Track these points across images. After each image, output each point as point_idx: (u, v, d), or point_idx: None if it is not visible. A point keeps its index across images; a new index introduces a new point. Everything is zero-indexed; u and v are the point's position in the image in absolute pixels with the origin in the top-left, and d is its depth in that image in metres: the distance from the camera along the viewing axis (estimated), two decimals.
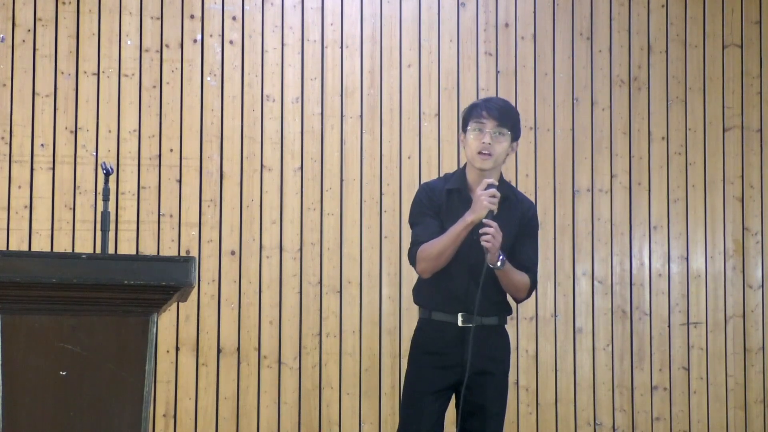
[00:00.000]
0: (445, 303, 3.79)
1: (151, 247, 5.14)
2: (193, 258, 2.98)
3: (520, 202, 3.95)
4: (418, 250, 3.78)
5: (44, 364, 2.91)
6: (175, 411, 5.13)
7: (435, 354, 3.79)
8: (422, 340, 3.85)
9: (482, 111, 3.77)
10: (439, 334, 3.80)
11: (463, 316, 3.76)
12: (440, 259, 3.73)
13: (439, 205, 3.82)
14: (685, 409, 5.67)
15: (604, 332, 5.61)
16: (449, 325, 3.78)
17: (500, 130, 3.76)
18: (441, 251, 3.72)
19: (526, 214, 3.93)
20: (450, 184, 3.86)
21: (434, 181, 4.00)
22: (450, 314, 3.78)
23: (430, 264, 3.76)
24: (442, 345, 3.78)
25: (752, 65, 5.91)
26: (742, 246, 5.81)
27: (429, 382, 3.77)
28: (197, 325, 5.17)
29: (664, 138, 5.76)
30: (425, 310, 3.87)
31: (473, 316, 3.72)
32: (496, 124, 3.75)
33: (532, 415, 5.50)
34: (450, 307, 3.78)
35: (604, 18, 5.75)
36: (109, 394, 2.94)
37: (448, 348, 3.77)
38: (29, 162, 5.09)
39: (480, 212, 3.65)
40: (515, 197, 3.93)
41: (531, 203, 4.02)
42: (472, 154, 3.78)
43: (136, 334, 2.96)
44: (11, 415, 2.88)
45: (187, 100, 5.26)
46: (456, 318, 3.77)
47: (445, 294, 3.79)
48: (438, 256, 3.73)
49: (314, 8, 5.43)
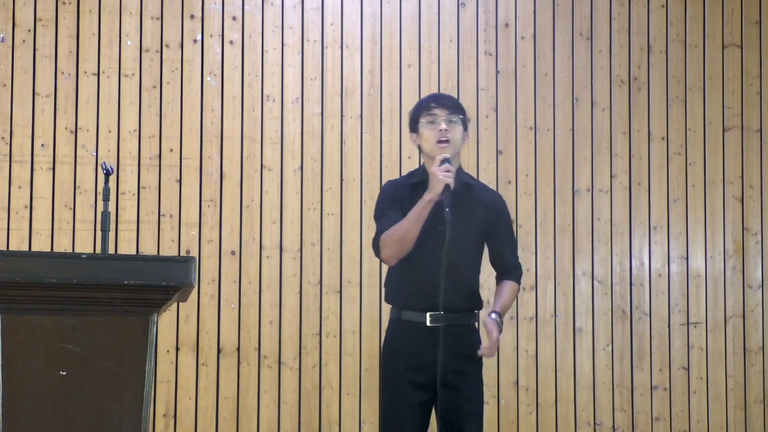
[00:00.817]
0: (413, 299, 3.79)
1: (151, 247, 5.14)
2: (193, 258, 2.98)
3: (484, 190, 3.97)
4: (381, 237, 3.78)
5: (44, 364, 2.91)
6: (175, 411, 5.13)
7: (406, 355, 3.79)
8: (393, 341, 3.87)
9: (431, 103, 3.83)
10: (409, 335, 3.80)
11: (432, 316, 3.76)
12: (404, 242, 3.72)
13: (402, 200, 3.84)
14: (685, 409, 5.67)
15: (604, 332, 5.62)
16: (418, 325, 3.77)
17: (452, 118, 3.81)
18: (404, 233, 3.71)
19: (495, 206, 3.93)
20: (413, 179, 3.90)
21: (398, 178, 4.07)
22: (418, 313, 3.78)
23: (395, 248, 3.75)
24: (413, 345, 3.78)
25: (752, 65, 5.91)
26: (742, 246, 5.81)
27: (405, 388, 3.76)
28: (197, 325, 5.18)
29: (664, 138, 5.76)
30: (395, 309, 3.88)
31: (443, 314, 3.73)
32: (447, 112, 3.80)
33: (532, 415, 5.51)
34: (419, 304, 3.78)
35: (604, 18, 5.75)
36: (109, 394, 2.94)
37: (418, 348, 3.76)
38: (29, 162, 5.09)
39: (437, 187, 3.66)
40: (477, 185, 3.95)
41: (498, 194, 4.04)
42: (430, 145, 3.80)
43: (136, 334, 2.96)
44: (11, 415, 2.88)
45: (187, 100, 5.26)
46: (424, 317, 3.77)
47: (413, 289, 3.79)
48: (401, 238, 3.72)
49: (314, 8, 5.43)
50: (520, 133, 5.61)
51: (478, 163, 5.53)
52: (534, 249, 5.56)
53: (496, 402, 5.46)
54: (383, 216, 3.86)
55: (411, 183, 3.88)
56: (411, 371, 3.76)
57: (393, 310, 3.90)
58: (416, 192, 3.81)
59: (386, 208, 3.87)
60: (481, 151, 5.55)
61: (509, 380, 5.48)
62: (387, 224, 3.80)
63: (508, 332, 5.50)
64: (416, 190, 3.83)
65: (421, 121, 3.83)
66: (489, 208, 3.90)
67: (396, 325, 3.87)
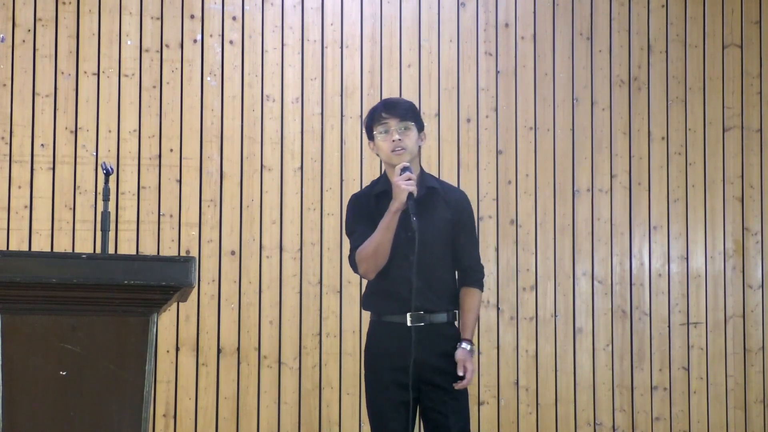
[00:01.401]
0: (393, 307, 3.81)
1: (151, 247, 5.14)
2: (193, 258, 2.98)
3: (449, 191, 3.98)
4: (356, 253, 3.81)
5: (44, 364, 2.91)
6: (175, 411, 5.13)
7: (386, 356, 3.80)
8: (374, 342, 3.87)
9: (382, 113, 3.84)
10: (390, 335, 3.81)
11: (412, 316, 3.77)
12: (378, 254, 3.75)
13: (370, 212, 3.87)
14: (685, 409, 5.67)
15: (604, 332, 5.62)
16: (399, 326, 3.78)
17: (405, 125, 3.82)
18: (376, 246, 3.74)
19: (459, 205, 3.94)
20: (377, 189, 3.92)
21: (361, 190, 4.10)
22: (399, 315, 3.79)
23: (370, 262, 3.78)
24: (394, 346, 3.78)
25: (752, 65, 5.91)
26: (742, 246, 5.81)
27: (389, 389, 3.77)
28: (197, 325, 5.18)
29: (664, 138, 5.76)
30: (375, 314, 3.90)
31: (422, 314, 3.76)
32: (398, 120, 3.81)
33: (532, 415, 5.50)
34: (397, 308, 3.80)
35: (604, 18, 5.75)
36: (109, 394, 2.94)
37: (399, 348, 3.76)
38: (29, 162, 5.09)
39: (401, 197, 3.68)
40: (441, 187, 3.96)
41: (462, 193, 4.04)
42: (387, 154, 3.83)
43: (136, 334, 2.96)
44: (11, 415, 2.88)
45: (187, 100, 5.27)
46: (405, 318, 3.78)
47: (392, 298, 3.81)
48: (375, 251, 3.75)
49: (314, 8, 5.43)
50: (520, 133, 5.61)
51: (478, 163, 5.53)
52: (534, 249, 5.56)
53: (496, 402, 5.46)
54: (354, 231, 3.89)
55: (375, 194, 3.91)
56: (394, 371, 3.77)
57: (373, 314, 3.92)
58: (381, 201, 3.84)
59: (355, 222, 3.91)
60: (481, 151, 5.55)
61: (509, 380, 5.48)
62: (359, 239, 3.83)
63: (507, 332, 5.50)
64: (381, 199, 3.86)
65: (375, 131, 3.85)
66: (454, 207, 3.92)
67: (376, 326, 3.88)
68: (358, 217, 3.91)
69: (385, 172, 3.96)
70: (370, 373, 3.86)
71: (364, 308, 3.97)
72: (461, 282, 3.95)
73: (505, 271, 5.52)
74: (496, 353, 5.48)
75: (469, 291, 3.93)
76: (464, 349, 3.81)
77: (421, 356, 3.73)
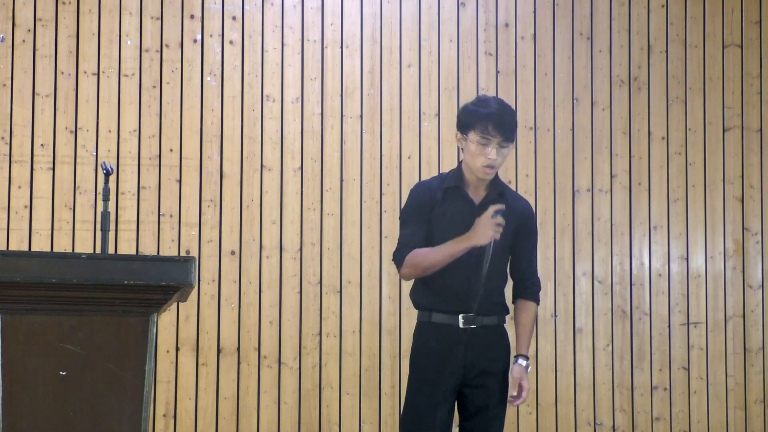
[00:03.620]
0: (445, 303, 3.77)
1: (151, 247, 5.14)
2: (193, 258, 2.98)
3: (516, 199, 3.92)
4: (409, 255, 3.73)
5: (44, 364, 2.91)
6: (175, 411, 5.13)
7: (437, 357, 3.76)
8: (423, 343, 3.83)
9: (489, 127, 3.70)
10: (440, 337, 3.78)
11: (464, 318, 3.75)
12: (427, 271, 3.72)
13: (434, 206, 3.80)
14: (685, 409, 5.67)
15: (604, 332, 5.61)
16: (450, 327, 3.75)
17: (505, 144, 3.74)
18: (432, 265, 3.70)
19: (524, 215, 3.90)
20: (447, 183, 3.84)
21: (430, 179, 3.96)
22: (450, 315, 3.76)
23: (417, 272, 3.75)
24: (444, 347, 3.76)
25: (752, 65, 5.91)
26: (742, 246, 5.81)
27: (433, 389, 3.74)
28: (197, 325, 5.18)
29: (664, 138, 5.76)
30: (424, 312, 3.84)
31: (475, 316, 3.73)
32: (501, 139, 3.72)
33: (532, 415, 5.50)
34: (450, 307, 3.76)
35: (604, 18, 5.75)
36: (109, 394, 2.94)
37: (449, 350, 3.75)
38: (29, 162, 5.09)
39: (484, 240, 3.64)
40: (510, 194, 3.91)
41: (528, 204, 3.99)
42: (475, 165, 3.74)
43: (136, 334, 2.96)
44: (11, 415, 2.88)
45: (187, 100, 5.26)
46: (457, 320, 3.76)
47: (445, 293, 3.76)
48: (427, 268, 3.71)
49: (314, 8, 5.43)
50: (520, 133, 5.60)
51: None
52: None
53: None
54: (409, 224, 3.81)
55: (444, 187, 3.82)
56: (442, 373, 3.75)
57: (421, 313, 3.85)
58: (449, 197, 3.79)
59: (414, 215, 3.81)
60: None
61: None
62: (411, 238, 3.76)
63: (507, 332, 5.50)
64: (449, 194, 3.80)
65: (472, 134, 3.72)
66: (520, 217, 3.87)
67: (426, 327, 3.82)
68: (419, 209, 3.81)
69: (459, 166, 3.85)
70: (417, 373, 3.80)
71: (414, 305, 3.89)
72: (517, 293, 3.91)
73: None
74: None
75: (526, 304, 3.90)
76: (520, 365, 3.79)
77: (471, 359, 3.72)
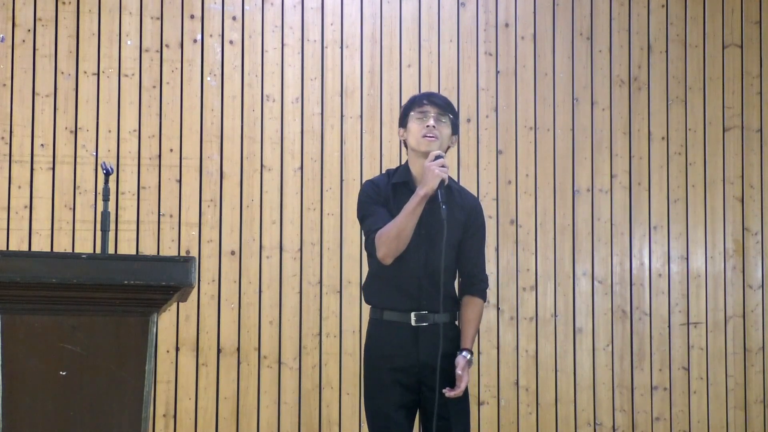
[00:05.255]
0: (397, 301, 3.75)
1: (151, 247, 5.14)
2: (193, 258, 2.98)
3: (464, 193, 3.91)
4: (377, 236, 3.70)
5: (44, 364, 2.91)
6: (175, 411, 5.13)
7: (389, 356, 3.74)
8: (375, 342, 3.80)
9: (424, 100, 3.79)
10: (391, 336, 3.75)
11: (416, 315, 3.73)
12: (400, 238, 3.66)
13: (386, 200, 3.79)
14: (685, 409, 5.67)
15: (604, 332, 5.62)
16: (402, 325, 3.74)
17: (442, 117, 3.77)
18: (399, 230, 3.65)
19: (474, 210, 3.88)
20: (395, 179, 3.83)
21: (378, 177, 3.96)
22: (402, 313, 3.74)
23: (392, 246, 3.67)
24: (396, 346, 3.73)
25: (752, 65, 5.91)
26: (742, 246, 5.81)
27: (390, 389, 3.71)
28: (197, 325, 5.18)
29: (664, 138, 5.76)
30: (376, 309, 3.81)
31: (427, 314, 3.71)
32: (438, 111, 3.77)
33: (532, 415, 5.50)
34: (402, 305, 3.74)
35: (604, 18, 5.75)
36: (109, 394, 2.94)
37: (402, 349, 3.72)
38: (29, 162, 5.09)
39: (432, 182, 3.62)
40: (457, 187, 3.90)
41: (476, 199, 3.97)
42: (417, 138, 3.75)
43: (136, 334, 2.96)
44: (11, 415, 2.88)
45: (187, 100, 5.27)
46: (409, 317, 3.74)
47: (397, 291, 3.74)
48: (397, 235, 3.65)
49: (314, 8, 5.43)
50: (520, 133, 5.61)
51: (478, 163, 5.53)
52: (534, 249, 5.56)
53: (496, 402, 5.46)
54: (369, 214, 3.79)
55: (393, 183, 3.82)
56: (395, 372, 3.72)
57: (373, 310, 3.84)
58: (399, 192, 3.78)
59: (371, 205, 3.80)
60: (481, 151, 5.55)
61: (509, 380, 5.48)
62: (378, 222, 3.73)
63: (508, 332, 5.50)
64: (398, 190, 3.80)
65: (410, 116, 3.79)
66: (470, 211, 3.86)
67: (377, 325, 3.81)
68: (373, 201, 3.81)
69: (406, 162, 3.86)
70: (371, 373, 3.80)
71: (365, 301, 3.88)
72: (464, 289, 3.87)
73: (505, 271, 5.52)
74: (496, 353, 5.48)
75: (472, 300, 3.85)
76: (464, 357, 3.73)
77: (424, 357, 3.70)
